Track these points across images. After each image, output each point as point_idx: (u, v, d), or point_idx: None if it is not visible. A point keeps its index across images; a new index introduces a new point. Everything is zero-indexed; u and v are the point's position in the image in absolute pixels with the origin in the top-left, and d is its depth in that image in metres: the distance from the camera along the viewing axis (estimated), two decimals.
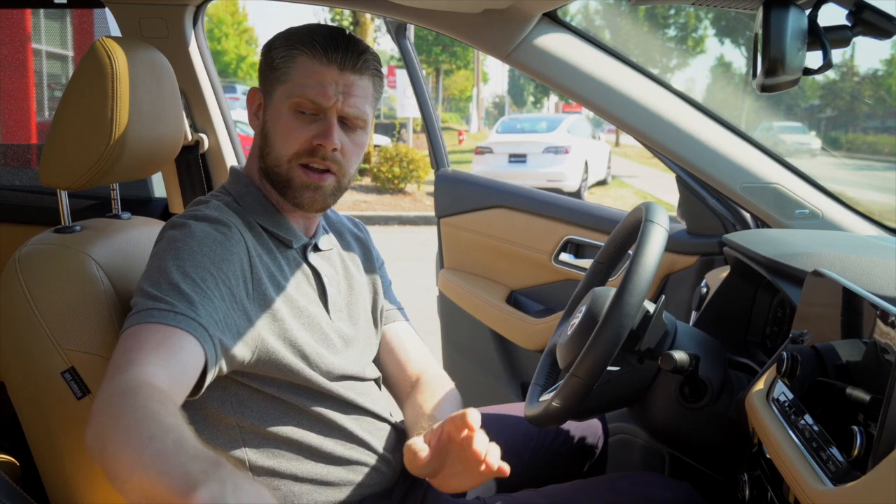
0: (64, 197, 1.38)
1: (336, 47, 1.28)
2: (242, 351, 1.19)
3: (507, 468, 1.10)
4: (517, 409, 1.67)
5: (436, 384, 1.46)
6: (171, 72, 1.44)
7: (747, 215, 1.94)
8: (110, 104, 1.25)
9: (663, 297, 1.40)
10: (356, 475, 1.34)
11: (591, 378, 1.25)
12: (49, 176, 1.30)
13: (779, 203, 1.82)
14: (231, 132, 2.04)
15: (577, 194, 13.17)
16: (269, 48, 1.33)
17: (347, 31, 1.32)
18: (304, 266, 1.36)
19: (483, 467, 1.09)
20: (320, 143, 1.27)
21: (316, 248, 1.40)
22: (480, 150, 13.90)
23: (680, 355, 1.31)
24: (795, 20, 0.90)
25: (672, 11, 30.65)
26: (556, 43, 1.78)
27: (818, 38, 0.97)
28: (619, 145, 29.61)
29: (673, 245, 2.13)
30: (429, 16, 1.74)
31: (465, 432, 1.09)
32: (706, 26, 31.95)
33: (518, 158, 13.26)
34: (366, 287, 1.50)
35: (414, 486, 1.41)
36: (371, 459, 1.36)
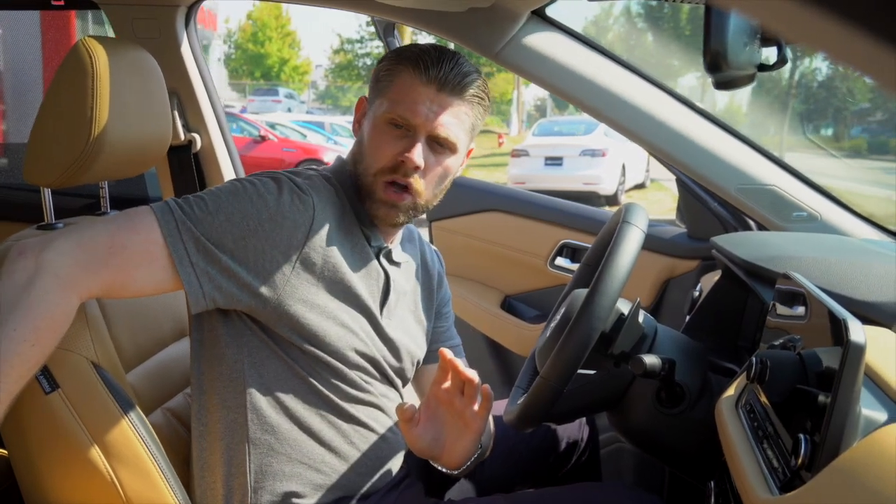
0: (47, 194, 1.39)
1: (439, 67, 1.30)
2: (253, 285, 1.24)
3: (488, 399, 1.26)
4: (499, 407, 1.66)
5: None
6: (158, 72, 1.45)
7: (749, 219, 1.90)
8: (90, 102, 1.26)
9: (638, 299, 1.37)
10: (346, 470, 1.35)
11: (560, 381, 1.22)
12: (31, 173, 1.32)
13: (775, 205, 1.77)
14: (224, 132, 2.05)
15: (614, 198, 13.05)
16: (380, 60, 1.38)
17: (458, 55, 1.34)
18: (377, 265, 1.39)
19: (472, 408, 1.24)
20: (402, 159, 1.30)
21: (389, 256, 1.42)
22: (517, 153, 13.83)
23: (651, 359, 1.28)
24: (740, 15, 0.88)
25: None
26: (545, 41, 1.76)
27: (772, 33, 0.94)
28: None
29: (674, 249, 2.09)
30: (415, 15, 1.73)
31: (447, 384, 1.24)
32: None
33: (554, 161, 13.16)
34: (424, 312, 1.54)
35: (390, 491, 1.41)
36: (362, 460, 1.37)
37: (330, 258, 1.29)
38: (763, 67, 0.93)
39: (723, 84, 0.94)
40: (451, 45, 1.85)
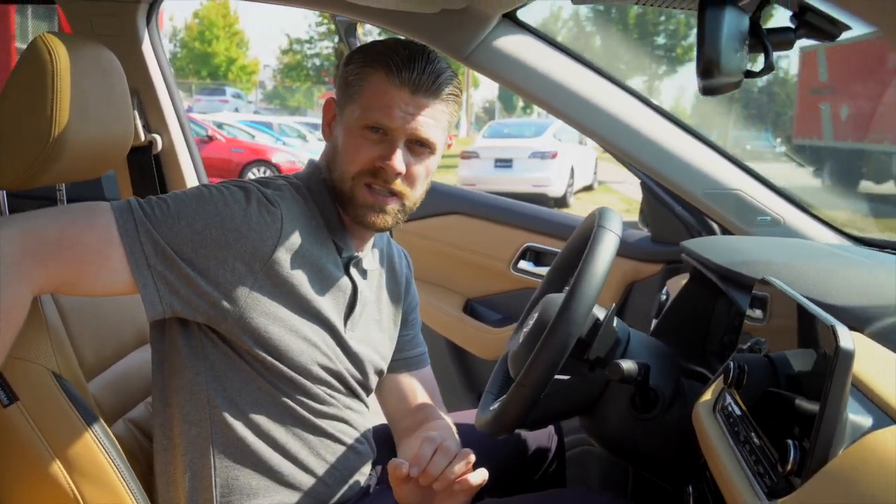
0: (2, 196, 1.34)
1: (411, 68, 1.25)
2: (211, 296, 1.20)
3: (478, 478, 1.18)
4: (468, 416, 1.65)
5: (437, 430, 1.46)
6: (119, 70, 1.40)
7: (714, 223, 1.92)
8: (50, 101, 1.21)
9: (614, 304, 1.37)
10: (315, 482, 1.33)
11: (537, 387, 1.22)
12: None
13: (740, 209, 1.80)
14: (186, 133, 2.00)
15: (563, 200, 13.17)
16: (347, 62, 1.32)
17: (428, 51, 1.30)
18: (345, 277, 1.34)
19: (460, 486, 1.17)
20: (383, 165, 1.26)
21: (359, 265, 1.38)
22: (466, 155, 13.87)
23: (628, 364, 1.28)
24: (732, 21, 0.88)
25: (662, 18, 30.73)
26: (515, 45, 1.76)
27: (760, 40, 0.95)
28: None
29: (638, 253, 2.11)
30: (385, 15, 1.71)
31: (415, 471, 1.14)
32: (696, 34, 32.02)
33: (504, 163, 13.23)
34: (390, 319, 1.50)
35: (360, 499, 1.40)
36: (330, 472, 1.35)
37: (296, 272, 1.25)
38: (749, 74, 0.94)
39: (709, 90, 0.94)
40: None
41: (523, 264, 2.32)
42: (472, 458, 1.19)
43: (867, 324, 1.17)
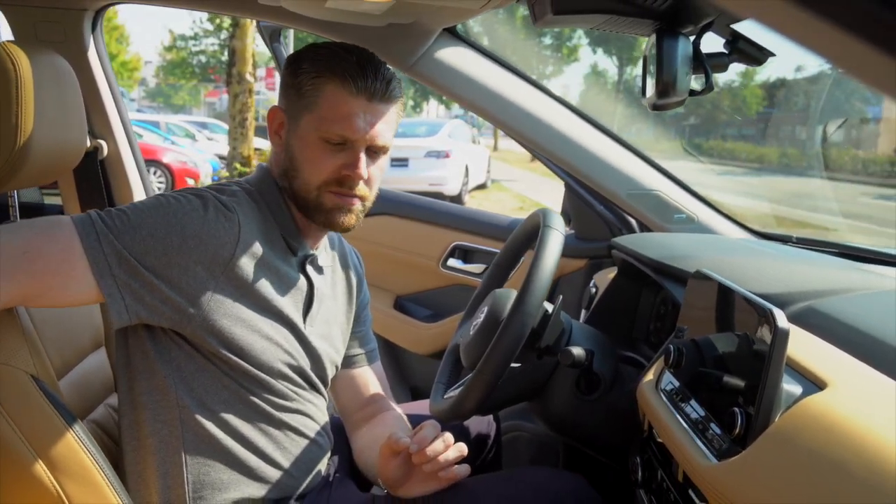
0: None
1: (365, 76, 1.29)
2: (173, 302, 1.24)
3: (463, 471, 1.29)
4: (409, 408, 1.74)
5: (391, 420, 1.56)
6: (73, 77, 1.42)
7: (633, 220, 2.08)
8: (14, 110, 1.22)
9: (561, 297, 1.49)
10: (281, 474, 1.38)
11: (495, 375, 1.32)
12: None
13: (659, 208, 1.96)
14: (131, 138, 2.01)
15: (458, 198, 13.36)
16: (296, 71, 1.34)
17: (372, 55, 1.34)
18: (300, 275, 1.39)
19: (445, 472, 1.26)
20: (349, 173, 1.31)
21: (314, 262, 1.43)
22: None
23: (577, 351, 1.41)
24: (684, 47, 1.01)
25: None
26: (455, 56, 1.86)
27: (701, 63, 1.09)
28: (497, 150, 30.24)
29: (564, 250, 2.25)
30: (334, 27, 1.78)
31: (415, 448, 1.24)
32: (580, 35, 33.01)
33: (400, 162, 13.28)
34: (344, 315, 1.56)
35: (323, 489, 1.46)
36: (295, 464, 1.41)
37: (255, 273, 1.30)
38: (692, 93, 1.08)
39: (660, 107, 1.08)
40: None
41: (452, 262, 2.43)
42: (465, 451, 1.29)
43: (783, 308, 1.33)
